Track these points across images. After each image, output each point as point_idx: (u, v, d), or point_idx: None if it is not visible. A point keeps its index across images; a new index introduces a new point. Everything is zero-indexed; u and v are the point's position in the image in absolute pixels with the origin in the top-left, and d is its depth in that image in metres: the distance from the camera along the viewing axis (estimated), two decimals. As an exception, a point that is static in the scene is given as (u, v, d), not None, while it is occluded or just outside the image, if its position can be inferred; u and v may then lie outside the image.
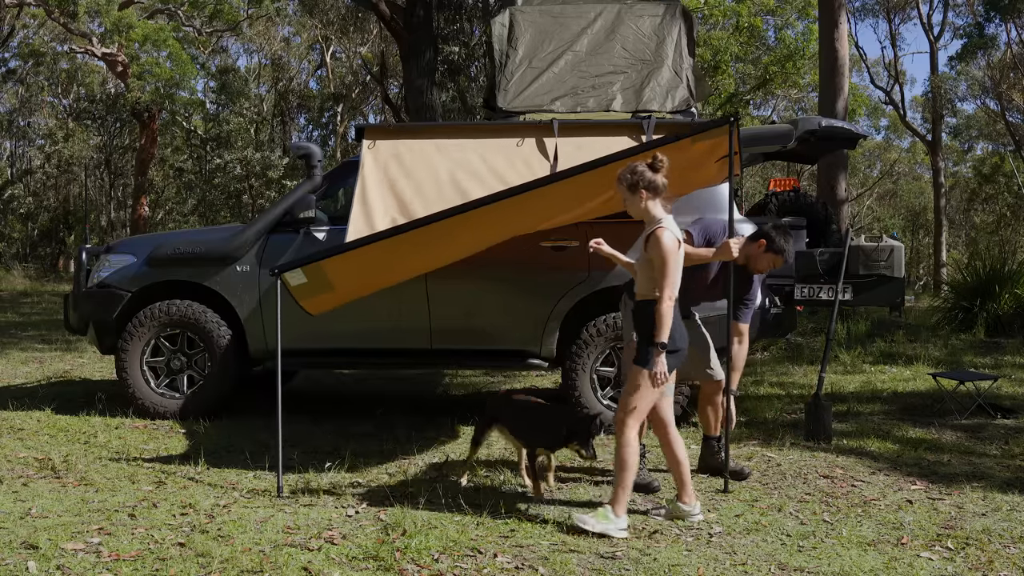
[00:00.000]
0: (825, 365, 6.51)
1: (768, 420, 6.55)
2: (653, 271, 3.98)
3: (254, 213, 25.81)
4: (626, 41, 6.53)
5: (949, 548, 3.85)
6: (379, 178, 5.27)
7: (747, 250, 4.83)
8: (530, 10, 6.71)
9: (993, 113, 30.80)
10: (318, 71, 36.74)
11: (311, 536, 3.84)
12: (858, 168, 37.00)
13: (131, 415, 6.39)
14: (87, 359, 9.73)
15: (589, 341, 6.09)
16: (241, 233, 6.46)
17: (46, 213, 31.48)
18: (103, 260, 6.73)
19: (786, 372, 8.97)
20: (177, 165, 31.98)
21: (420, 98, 14.40)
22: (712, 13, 23.98)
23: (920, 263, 37.25)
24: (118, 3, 23.94)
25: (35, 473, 4.89)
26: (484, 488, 4.72)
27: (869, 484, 4.89)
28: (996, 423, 6.56)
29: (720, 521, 4.20)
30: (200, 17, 26.23)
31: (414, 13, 14.40)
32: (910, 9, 30.51)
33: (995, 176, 33.48)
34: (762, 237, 4.81)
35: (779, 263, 4.88)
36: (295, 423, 6.31)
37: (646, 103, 6.27)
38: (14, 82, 31.58)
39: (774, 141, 7.21)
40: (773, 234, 4.79)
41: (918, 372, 8.68)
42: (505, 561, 3.60)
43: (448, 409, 7.00)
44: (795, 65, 24.62)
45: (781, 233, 4.81)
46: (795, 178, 11.90)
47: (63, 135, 31.87)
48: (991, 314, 11.33)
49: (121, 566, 3.45)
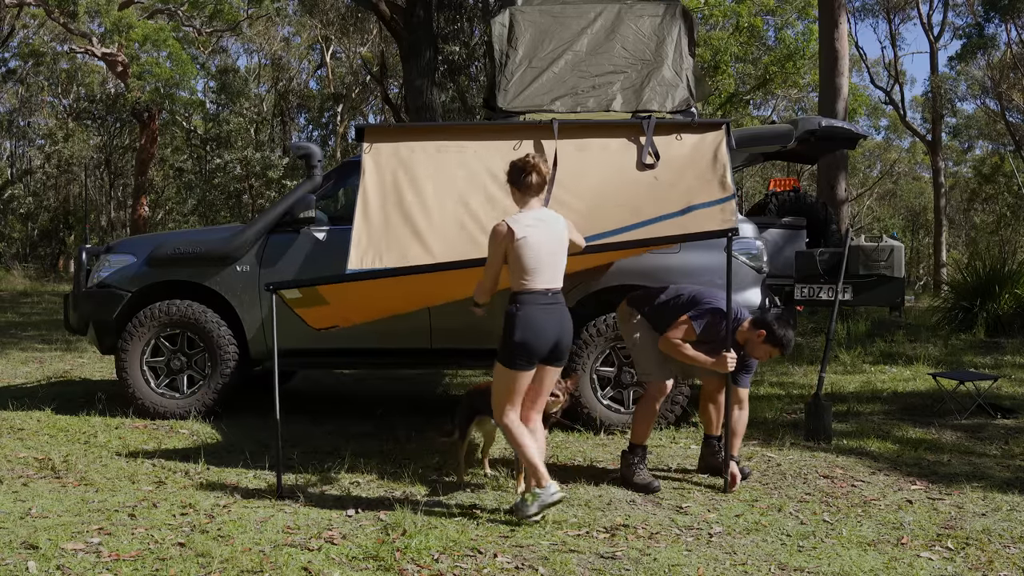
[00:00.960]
0: (825, 365, 6.51)
1: (768, 420, 6.55)
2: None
3: (254, 213, 25.82)
4: (626, 41, 6.53)
5: (949, 548, 3.85)
6: (379, 179, 5.27)
7: (746, 335, 4.78)
8: (530, 10, 6.70)
9: (993, 113, 30.81)
10: (318, 71, 36.78)
11: (311, 536, 3.84)
12: (858, 168, 37.02)
13: (131, 415, 6.39)
14: (87, 359, 9.74)
15: (589, 341, 6.09)
16: (241, 233, 6.46)
17: (46, 213, 31.49)
18: (103, 260, 6.73)
19: (786, 372, 8.97)
20: (177, 165, 32.00)
21: (420, 98, 14.40)
22: (712, 13, 24.00)
23: (920, 263, 37.26)
24: (118, 3, 23.97)
25: (35, 473, 4.89)
26: (484, 488, 4.71)
27: (869, 484, 4.89)
28: (996, 423, 6.56)
29: (720, 521, 4.20)
30: (200, 17, 26.24)
31: (414, 13, 14.40)
32: (910, 9, 30.54)
33: (995, 176, 33.49)
34: (763, 328, 4.73)
35: (775, 355, 4.80)
36: (295, 423, 6.31)
37: (646, 103, 6.26)
38: (14, 82, 31.59)
39: (774, 141, 7.22)
40: (775, 326, 4.70)
41: (918, 372, 8.68)
42: (505, 561, 3.60)
43: (448, 409, 7.00)
44: (795, 65, 24.63)
45: (783, 324, 4.71)
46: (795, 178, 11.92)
47: (63, 135, 31.88)
48: (991, 314, 11.33)
49: (121, 566, 3.46)
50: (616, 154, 5.35)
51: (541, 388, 4.36)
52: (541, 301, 4.19)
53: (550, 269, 4.23)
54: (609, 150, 5.36)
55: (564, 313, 4.29)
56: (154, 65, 25.00)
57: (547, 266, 4.21)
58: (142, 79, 24.43)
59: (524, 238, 4.15)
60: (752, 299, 5.99)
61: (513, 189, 4.34)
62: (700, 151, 5.26)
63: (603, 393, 6.16)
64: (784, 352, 4.80)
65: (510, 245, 4.16)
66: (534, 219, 4.24)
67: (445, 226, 5.15)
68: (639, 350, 4.98)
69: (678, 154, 5.27)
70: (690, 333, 4.77)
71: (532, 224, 4.21)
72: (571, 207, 4.98)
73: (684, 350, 4.76)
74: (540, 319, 4.17)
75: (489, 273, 4.29)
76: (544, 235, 4.21)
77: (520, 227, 4.17)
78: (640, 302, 5.05)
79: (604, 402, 6.14)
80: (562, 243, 4.29)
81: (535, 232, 4.19)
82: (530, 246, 4.16)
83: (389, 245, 4.97)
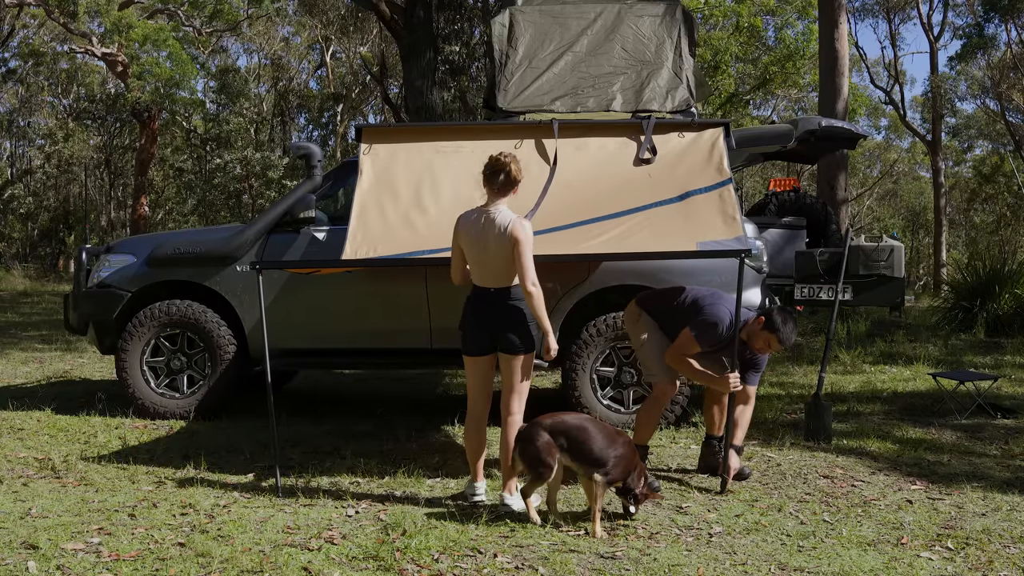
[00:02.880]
0: (825, 365, 6.51)
1: (768, 420, 6.55)
2: None
3: (254, 213, 25.81)
4: (626, 41, 6.53)
5: (949, 548, 3.85)
6: (377, 178, 5.27)
7: (748, 328, 4.79)
8: (530, 10, 6.70)
9: (993, 113, 30.81)
10: (318, 71, 36.77)
11: (311, 536, 3.84)
12: (858, 168, 37.01)
13: (131, 415, 6.39)
14: (87, 359, 9.74)
15: (589, 341, 6.09)
16: (241, 233, 6.46)
17: (46, 213, 31.49)
18: (103, 260, 6.73)
19: (786, 372, 8.97)
20: (177, 165, 32.00)
21: (420, 98, 14.40)
22: (712, 13, 23.98)
23: (920, 263, 37.26)
24: (118, 3, 23.96)
25: (35, 473, 4.89)
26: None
27: (869, 484, 4.89)
28: (996, 423, 6.56)
29: (720, 521, 4.20)
30: (200, 17, 26.22)
31: (414, 13, 14.40)
32: (910, 9, 30.53)
33: (995, 176, 33.49)
34: (763, 315, 4.74)
35: (775, 344, 4.74)
36: (295, 423, 6.31)
37: (646, 103, 6.27)
38: (14, 82, 31.59)
39: (774, 141, 7.22)
40: (774, 314, 4.70)
41: (918, 372, 8.68)
42: (505, 561, 3.60)
43: (448, 409, 7.00)
44: (795, 65, 24.62)
45: (785, 316, 4.70)
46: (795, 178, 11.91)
47: (63, 135, 31.89)
48: (991, 314, 11.33)
49: (121, 566, 3.46)
50: (615, 153, 5.35)
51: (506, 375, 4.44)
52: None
53: (479, 268, 4.36)
54: (608, 149, 5.37)
55: (502, 307, 4.36)
56: (154, 65, 24.99)
57: (479, 264, 4.36)
58: (142, 79, 24.43)
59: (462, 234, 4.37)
60: (752, 299, 5.99)
61: (486, 186, 4.37)
62: (698, 144, 5.27)
63: (603, 393, 6.16)
64: (782, 343, 4.72)
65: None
66: (480, 215, 4.35)
67: (442, 225, 5.15)
68: (646, 351, 4.98)
69: (676, 146, 5.28)
70: (694, 347, 4.76)
71: (476, 220, 4.34)
72: (569, 201, 4.98)
73: (691, 365, 4.77)
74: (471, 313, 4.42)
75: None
76: (481, 233, 4.30)
77: (464, 223, 4.37)
78: (648, 302, 5.05)
79: (604, 402, 6.14)
80: (498, 243, 4.27)
81: (474, 229, 4.32)
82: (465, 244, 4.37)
83: (385, 242, 4.97)
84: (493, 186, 4.32)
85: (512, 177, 4.30)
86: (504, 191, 4.32)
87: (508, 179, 4.29)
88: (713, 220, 4.84)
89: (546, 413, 4.29)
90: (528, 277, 4.20)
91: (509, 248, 4.22)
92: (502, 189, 4.32)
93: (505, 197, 4.34)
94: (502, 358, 4.41)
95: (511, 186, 4.33)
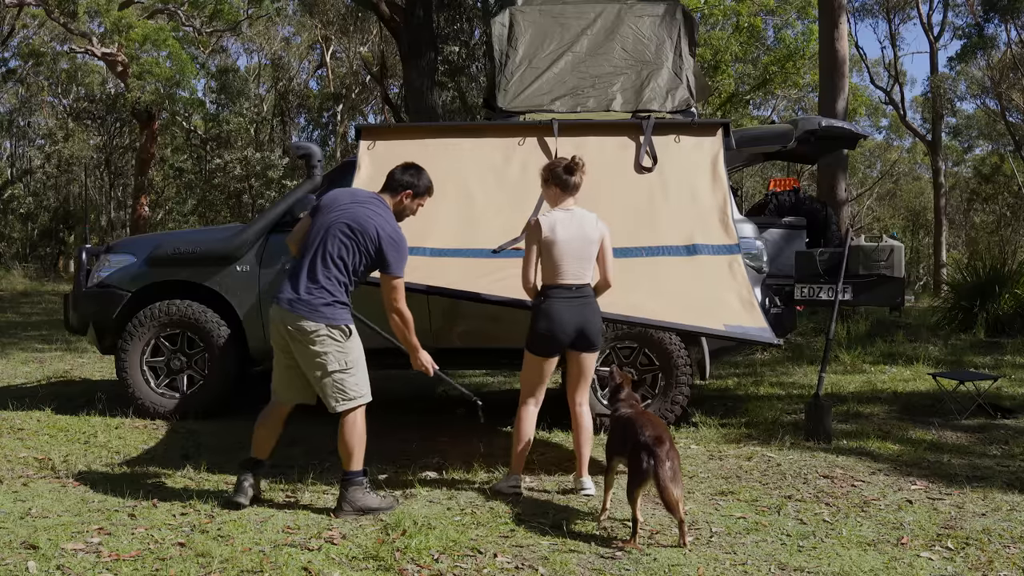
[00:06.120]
0: (825, 365, 6.51)
1: (768, 420, 6.55)
2: None
3: (254, 213, 25.80)
4: (626, 41, 6.53)
5: (949, 548, 3.85)
6: (375, 173, 5.26)
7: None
8: (530, 10, 6.71)
9: (993, 113, 30.79)
10: (318, 71, 36.75)
11: (311, 536, 3.84)
12: (858, 168, 37.00)
13: (131, 415, 6.39)
14: (87, 359, 9.74)
15: None
16: (241, 233, 6.46)
17: (46, 213, 31.50)
18: (103, 260, 6.73)
19: (786, 372, 8.97)
20: (177, 165, 31.99)
21: (420, 98, 14.39)
22: (712, 13, 23.98)
23: (920, 263, 37.22)
24: (118, 3, 23.96)
25: (35, 473, 4.89)
26: (484, 488, 4.71)
27: (869, 484, 4.89)
28: (996, 423, 6.56)
29: (720, 521, 4.20)
30: (200, 17, 26.20)
31: (414, 13, 14.40)
32: (910, 9, 30.49)
33: (995, 176, 33.49)
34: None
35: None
36: (295, 423, 6.29)
37: (646, 103, 6.27)
38: (14, 82, 31.59)
39: (774, 141, 7.21)
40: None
41: (918, 372, 8.68)
42: (505, 561, 3.60)
43: (448, 409, 7.00)
44: (795, 65, 24.60)
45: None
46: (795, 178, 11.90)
47: (63, 135, 31.91)
48: (991, 314, 11.34)
49: (121, 566, 3.45)
50: (615, 154, 5.35)
51: (580, 373, 4.62)
52: (563, 295, 4.43)
53: (575, 264, 4.43)
54: (608, 150, 5.37)
55: (590, 305, 4.49)
56: (154, 65, 24.97)
57: (572, 261, 4.42)
58: (142, 79, 24.41)
59: (551, 235, 4.40)
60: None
61: (554, 187, 4.54)
62: (698, 152, 5.27)
63: (603, 393, 6.16)
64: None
65: (539, 241, 4.43)
66: (565, 216, 4.47)
67: (441, 224, 5.15)
68: None
69: (675, 154, 5.28)
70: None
71: (562, 220, 4.44)
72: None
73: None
74: (560, 311, 4.42)
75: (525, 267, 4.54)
76: (571, 232, 4.42)
77: (547, 223, 4.43)
78: None
79: (604, 402, 6.13)
80: (590, 240, 4.45)
81: (562, 229, 4.42)
82: (556, 243, 4.41)
83: None
84: (566, 187, 4.52)
85: (581, 178, 4.55)
86: (575, 191, 4.54)
87: (580, 180, 4.53)
88: (730, 301, 4.86)
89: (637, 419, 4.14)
90: (612, 270, 4.51)
91: (599, 244, 4.46)
92: (573, 189, 4.53)
93: (573, 197, 4.55)
94: (580, 356, 4.55)
95: (579, 187, 4.55)
